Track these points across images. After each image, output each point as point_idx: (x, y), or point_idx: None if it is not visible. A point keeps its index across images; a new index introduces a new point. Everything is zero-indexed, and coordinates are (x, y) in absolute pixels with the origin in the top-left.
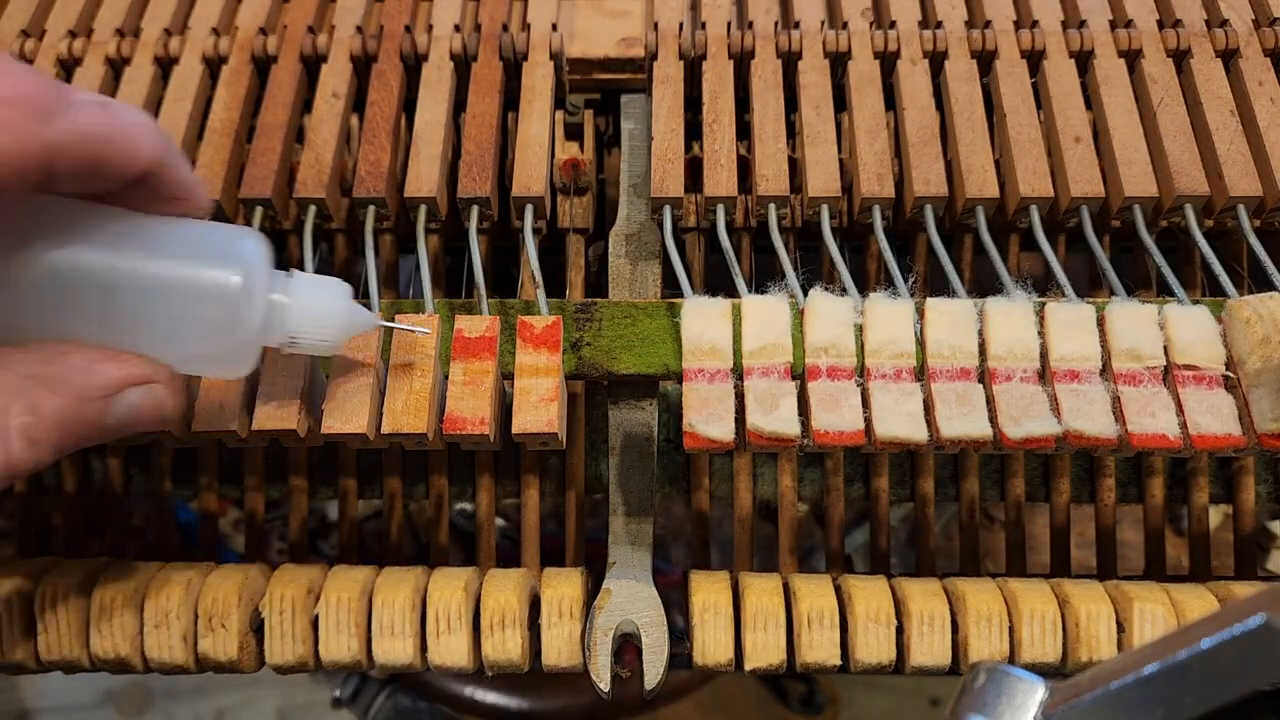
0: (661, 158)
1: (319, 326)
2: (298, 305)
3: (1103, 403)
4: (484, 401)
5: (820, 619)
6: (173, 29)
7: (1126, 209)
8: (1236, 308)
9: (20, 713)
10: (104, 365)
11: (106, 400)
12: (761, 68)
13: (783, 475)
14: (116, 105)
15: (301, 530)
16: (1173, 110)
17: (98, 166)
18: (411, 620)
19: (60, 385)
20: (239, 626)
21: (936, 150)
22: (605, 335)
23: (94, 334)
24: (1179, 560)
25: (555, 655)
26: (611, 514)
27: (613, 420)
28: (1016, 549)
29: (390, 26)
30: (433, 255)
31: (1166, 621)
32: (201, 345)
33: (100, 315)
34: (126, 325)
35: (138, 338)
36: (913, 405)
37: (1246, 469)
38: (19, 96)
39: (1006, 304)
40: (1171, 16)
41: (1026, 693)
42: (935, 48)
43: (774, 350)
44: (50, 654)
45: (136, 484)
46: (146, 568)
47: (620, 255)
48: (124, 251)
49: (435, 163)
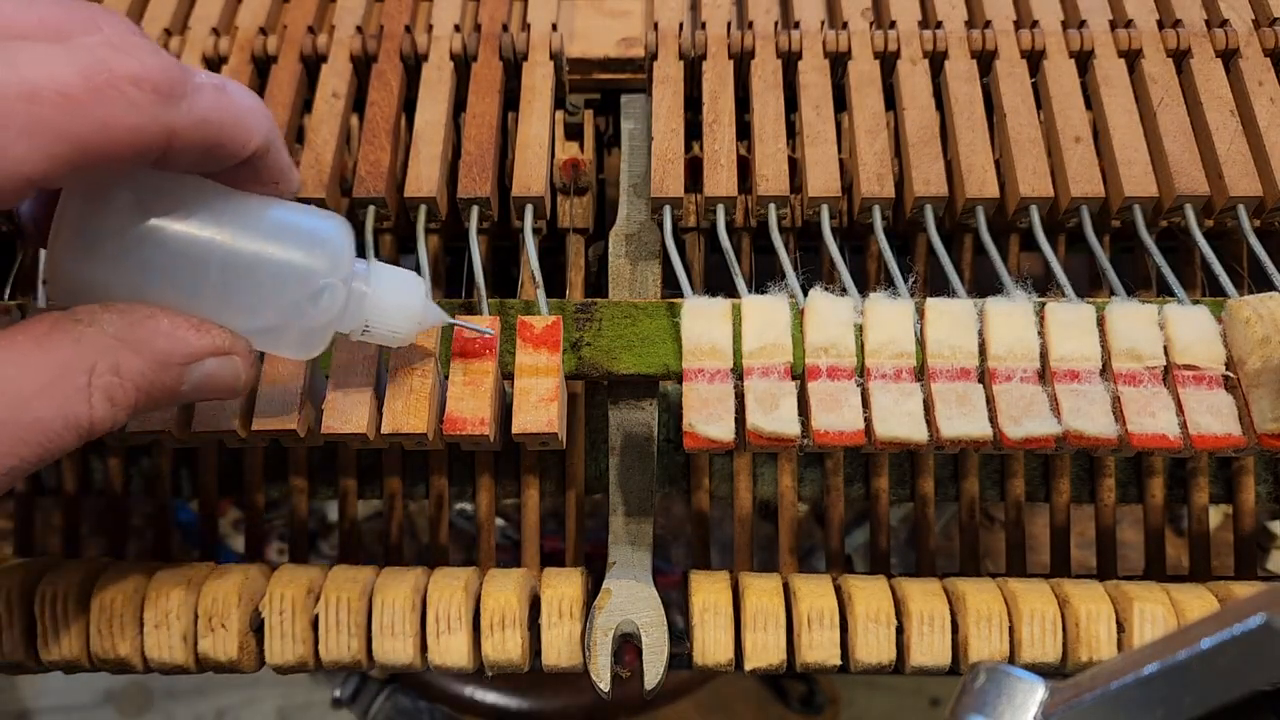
0: (661, 158)
1: (393, 318)
2: (376, 295)
3: (1103, 403)
4: (484, 402)
5: (820, 619)
6: (173, 29)
7: (1126, 209)
8: (1236, 308)
9: (20, 713)
10: (188, 333)
11: (185, 367)
12: (761, 68)
13: (783, 475)
14: (232, 87)
15: (301, 530)
16: (1173, 110)
17: (212, 150)
18: (411, 620)
19: (145, 348)
20: (239, 626)
21: (936, 150)
22: (605, 335)
23: (179, 301)
24: (1179, 560)
25: (555, 655)
26: (611, 514)
27: (613, 420)
28: (1016, 549)
29: (390, 26)
30: (433, 255)
31: (1166, 621)
32: (280, 323)
33: (189, 285)
34: (212, 296)
35: (221, 309)
36: (913, 405)
37: (1246, 469)
38: (147, 77)
39: (1006, 304)
40: (1171, 16)
41: (1026, 693)
42: (935, 48)
43: (774, 350)
44: (50, 654)
45: (136, 484)
46: (146, 568)
47: (620, 255)
48: (222, 226)
49: (435, 163)
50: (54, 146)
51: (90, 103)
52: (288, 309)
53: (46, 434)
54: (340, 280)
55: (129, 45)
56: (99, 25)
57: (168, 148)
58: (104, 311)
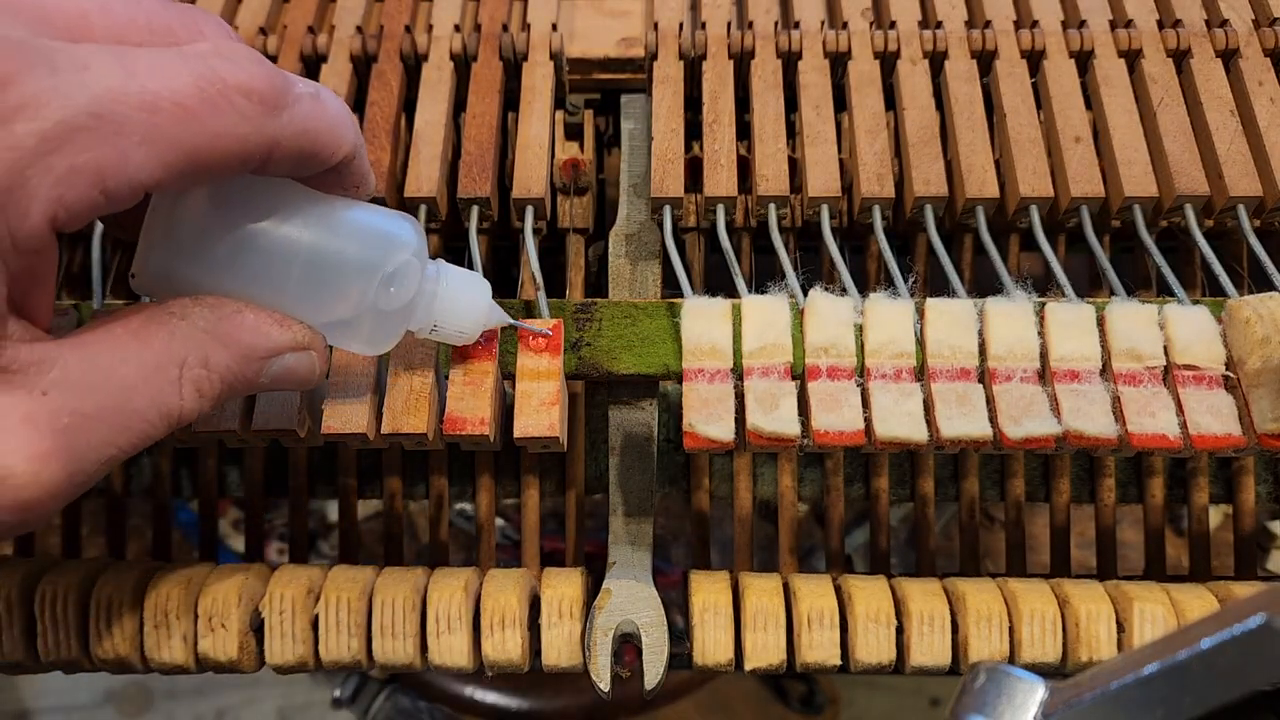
0: (661, 158)
1: (461, 319)
2: (446, 296)
3: (1103, 403)
4: (484, 402)
5: (820, 619)
6: None
7: (1126, 209)
8: (1236, 308)
9: (20, 713)
10: (272, 328)
11: (266, 361)
12: (761, 68)
13: (783, 475)
14: (325, 95)
15: (301, 530)
16: (1173, 110)
17: (306, 158)
18: (411, 620)
19: (231, 342)
20: (239, 626)
21: (936, 150)
22: (605, 335)
23: (263, 297)
24: (1179, 560)
25: (555, 655)
26: (611, 514)
27: (613, 420)
28: (1016, 549)
29: (390, 26)
30: (433, 255)
31: (1166, 621)
32: (356, 315)
33: (273, 281)
34: (294, 293)
35: (301, 305)
36: (913, 405)
37: (1246, 469)
38: (256, 89)
39: (1006, 304)
40: (1171, 16)
41: (1026, 693)
42: (935, 48)
43: (774, 350)
44: (50, 654)
45: (136, 484)
46: (146, 568)
47: (620, 255)
48: (307, 226)
49: (435, 163)
50: (168, 155)
51: (204, 114)
52: (365, 305)
53: (142, 423)
54: (414, 279)
55: (235, 54)
56: (201, 29)
57: (269, 158)
58: (195, 305)
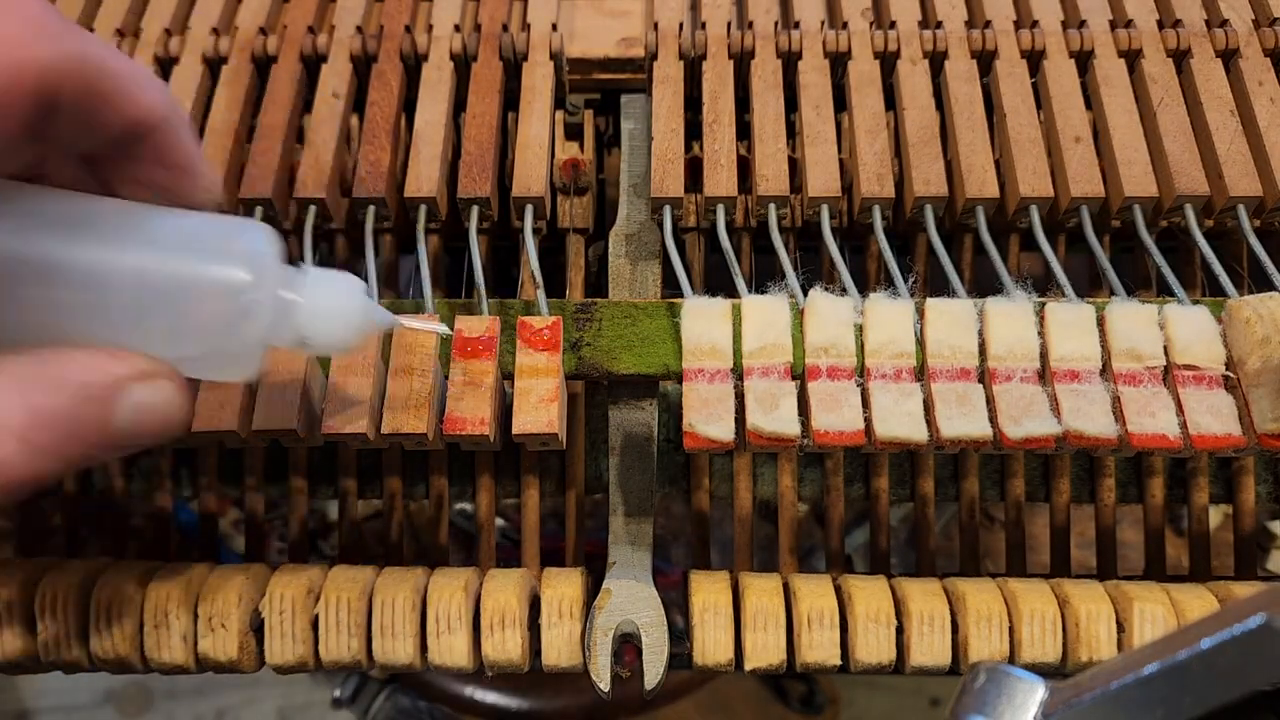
0: (661, 158)
1: (332, 327)
2: (309, 303)
3: (1103, 403)
4: (484, 401)
5: (820, 619)
6: (173, 29)
7: (1126, 209)
8: (1236, 308)
9: (20, 713)
10: (106, 362)
11: (111, 398)
12: (761, 68)
13: (783, 475)
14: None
15: (301, 530)
16: (1173, 110)
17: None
18: (411, 620)
19: (61, 384)
20: (239, 626)
21: (936, 150)
22: (605, 335)
23: (92, 335)
24: (1179, 560)
25: (555, 655)
26: (611, 514)
27: (613, 420)
28: (1016, 549)
29: (390, 26)
30: (433, 255)
31: (1166, 621)
32: (205, 346)
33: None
34: (125, 325)
35: (138, 338)
36: (913, 405)
37: (1246, 469)
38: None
39: (1006, 304)
40: (1171, 16)
41: (1026, 693)
42: (935, 48)
43: (774, 350)
44: (50, 654)
45: (136, 484)
46: (146, 568)
47: (620, 255)
48: (123, 244)
49: (435, 163)
50: None
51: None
52: (212, 328)
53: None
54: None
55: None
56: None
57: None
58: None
